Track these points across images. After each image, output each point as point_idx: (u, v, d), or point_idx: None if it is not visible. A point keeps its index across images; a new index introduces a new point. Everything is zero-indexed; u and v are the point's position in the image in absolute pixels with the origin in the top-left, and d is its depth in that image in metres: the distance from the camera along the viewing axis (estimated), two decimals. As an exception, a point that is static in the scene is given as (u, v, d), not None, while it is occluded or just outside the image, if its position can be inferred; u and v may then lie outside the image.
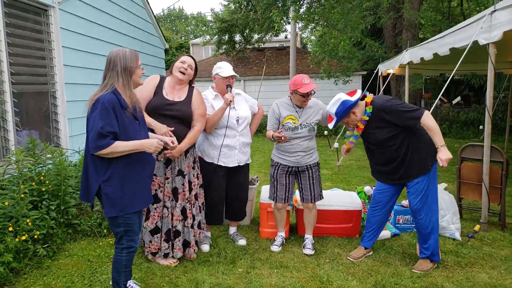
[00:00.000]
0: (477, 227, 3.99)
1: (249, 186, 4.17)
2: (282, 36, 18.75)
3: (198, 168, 3.45)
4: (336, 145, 7.19)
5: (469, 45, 4.16)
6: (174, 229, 3.26)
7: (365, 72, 13.76)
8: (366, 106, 3.17)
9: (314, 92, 3.39)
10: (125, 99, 2.46)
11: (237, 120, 3.55)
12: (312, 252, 3.52)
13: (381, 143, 3.18)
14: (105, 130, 2.29)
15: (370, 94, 3.26)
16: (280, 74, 15.07)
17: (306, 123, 3.46)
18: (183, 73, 3.23)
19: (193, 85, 3.42)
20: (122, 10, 6.54)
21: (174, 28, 42.48)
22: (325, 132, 9.04)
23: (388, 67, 8.13)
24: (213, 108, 3.49)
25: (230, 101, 3.37)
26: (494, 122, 11.43)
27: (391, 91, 13.16)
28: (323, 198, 3.64)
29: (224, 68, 3.51)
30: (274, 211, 3.67)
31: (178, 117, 3.20)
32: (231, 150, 3.54)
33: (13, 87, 3.98)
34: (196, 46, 23.00)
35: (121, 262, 2.55)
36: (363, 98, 3.22)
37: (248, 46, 16.91)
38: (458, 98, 15.59)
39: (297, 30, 15.06)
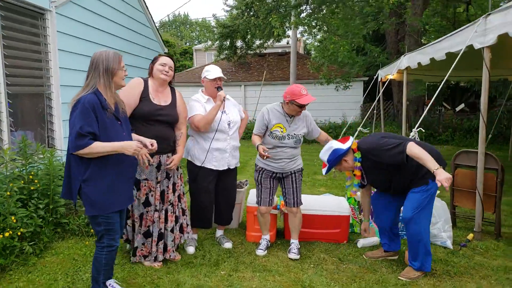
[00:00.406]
0: (470, 236, 3.95)
1: (238, 190, 4.20)
2: (284, 41, 18.81)
3: (181, 169, 3.49)
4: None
5: (462, 49, 4.16)
6: (160, 232, 3.28)
7: (367, 78, 13.77)
8: (354, 152, 3.22)
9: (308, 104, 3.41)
10: (107, 99, 2.49)
11: (229, 124, 3.57)
12: (298, 256, 3.52)
13: (382, 182, 3.28)
14: (84, 130, 2.32)
15: (355, 140, 3.30)
16: (280, 80, 15.14)
17: (294, 134, 3.49)
18: (166, 75, 3.24)
19: (172, 85, 3.44)
20: (120, 15, 6.62)
21: (179, 34, 42.80)
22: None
23: (387, 73, 8.13)
24: (206, 110, 3.51)
25: (224, 97, 3.42)
26: (499, 129, 11.34)
27: (393, 98, 13.16)
28: (302, 203, 3.67)
29: (211, 71, 3.54)
30: (258, 215, 3.69)
31: (167, 122, 3.26)
32: (222, 153, 3.56)
33: (8, 88, 4.05)
34: (199, 52, 23.16)
35: (101, 260, 2.57)
36: None
37: (249, 52, 16.99)
38: (462, 105, 15.50)
39: (298, 35, 15.12)
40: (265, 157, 3.28)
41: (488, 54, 3.88)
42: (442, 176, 2.75)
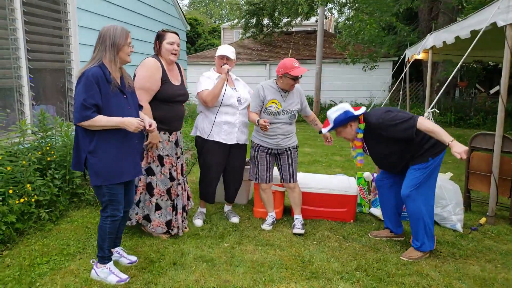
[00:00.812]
0: (482, 220, 3.88)
1: (247, 167, 4.27)
2: (313, 20, 18.42)
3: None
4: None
5: (484, 27, 3.99)
6: (184, 204, 3.48)
7: (396, 58, 13.36)
8: (359, 122, 3.16)
9: (301, 77, 3.41)
10: (111, 73, 2.56)
11: (239, 100, 3.63)
12: (302, 231, 3.56)
13: (384, 157, 3.23)
14: (87, 103, 2.40)
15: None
16: (306, 59, 14.90)
17: (289, 109, 3.52)
18: (175, 54, 3.28)
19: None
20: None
21: (208, 12, 42.65)
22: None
23: (414, 52, 7.86)
24: None
25: (228, 69, 3.47)
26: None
27: (423, 78, 12.73)
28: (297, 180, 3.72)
29: (220, 49, 3.63)
30: (260, 192, 3.75)
31: (183, 100, 3.39)
32: (231, 127, 3.61)
33: (29, 63, 4.23)
34: (227, 30, 23.06)
35: (105, 229, 2.69)
36: None
37: (275, 30, 16.74)
38: (497, 88, 14.81)
39: (327, 14, 14.76)
40: (266, 129, 3.32)
41: (510, 32, 3.70)
42: (459, 148, 2.72)
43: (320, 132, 3.35)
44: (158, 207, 3.32)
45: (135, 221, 3.31)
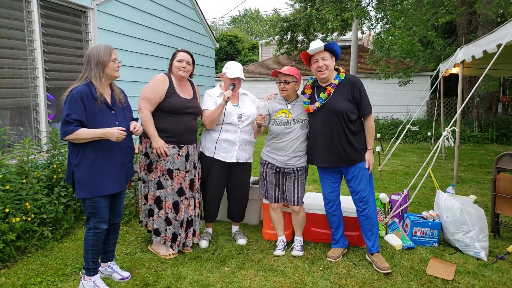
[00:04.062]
0: (510, 248, 3.48)
1: (258, 186, 4.12)
2: (349, 35, 18.15)
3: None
4: (378, 148, 6.77)
5: (505, 42, 3.66)
6: (190, 218, 3.43)
7: (433, 72, 12.79)
8: (339, 72, 3.25)
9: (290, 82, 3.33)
10: (99, 90, 2.63)
11: (240, 117, 3.52)
12: (301, 253, 3.41)
13: (340, 113, 3.15)
14: (70, 118, 2.49)
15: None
16: (342, 74, 14.57)
17: (300, 118, 3.34)
18: (184, 71, 3.31)
19: (191, 78, 3.51)
20: (166, 10, 6.81)
21: (249, 29, 43.36)
22: (378, 135, 8.56)
23: (447, 67, 7.46)
24: (216, 105, 3.50)
25: (228, 97, 3.38)
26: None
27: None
28: (303, 203, 3.51)
29: (231, 69, 3.54)
30: (270, 211, 3.57)
31: (194, 113, 3.39)
32: (231, 145, 3.51)
33: (47, 83, 4.35)
34: (265, 46, 23.26)
35: (88, 241, 2.71)
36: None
37: (310, 46, 16.61)
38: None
39: (365, 29, 14.47)
40: (261, 119, 3.26)
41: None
42: (371, 157, 3.25)
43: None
44: (168, 222, 3.31)
45: (146, 225, 3.42)
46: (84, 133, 2.51)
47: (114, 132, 2.56)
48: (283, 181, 3.47)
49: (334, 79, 3.21)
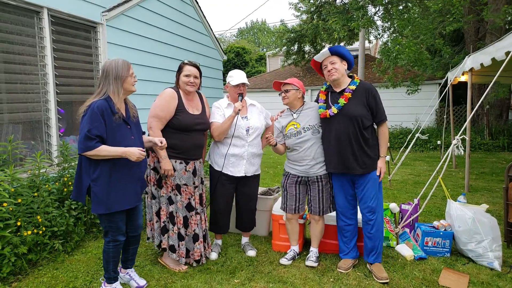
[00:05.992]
0: (525, 257, 3.42)
1: (267, 197, 4.11)
2: (356, 45, 18.20)
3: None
4: (387, 157, 6.72)
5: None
6: (204, 233, 3.45)
7: (442, 80, 12.73)
8: (354, 78, 3.26)
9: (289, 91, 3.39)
10: (116, 105, 2.63)
11: (247, 130, 3.50)
12: (315, 264, 3.38)
13: (355, 118, 3.15)
14: (92, 133, 2.48)
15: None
16: (349, 83, 14.57)
17: (309, 125, 3.34)
18: (191, 85, 3.29)
19: (199, 90, 3.49)
20: (174, 24, 6.90)
21: (256, 40, 43.68)
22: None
23: (455, 75, 7.42)
24: (224, 117, 3.50)
25: (239, 110, 3.36)
26: None
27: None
28: (333, 210, 3.47)
29: (235, 77, 3.50)
30: (286, 221, 3.57)
31: (202, 129, 3.38)
32: (238, 159, 3.50)
33: (57, 97, 4.42)
34: (272, 57, 23.38)
35: (109, 253, 2.76)
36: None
37: (317, 56, 16.69)
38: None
39: (372, 38, 14.51)
40: (270, 137, 3.31)
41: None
42: (384, 165, 3.25)
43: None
44: (181, 237, 3.31)
45: (158, 245, 3.35)
46: (105, 151, 2.51)
47: (136, 153, 2.57)
48: (304, 192, 3.46)
49: (350, 85, 3.20)
